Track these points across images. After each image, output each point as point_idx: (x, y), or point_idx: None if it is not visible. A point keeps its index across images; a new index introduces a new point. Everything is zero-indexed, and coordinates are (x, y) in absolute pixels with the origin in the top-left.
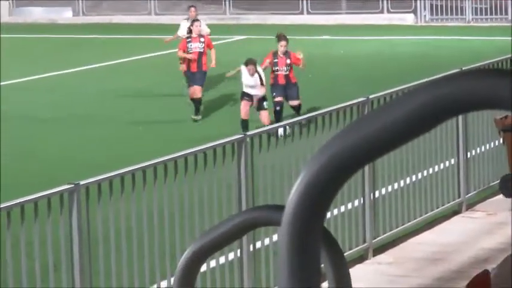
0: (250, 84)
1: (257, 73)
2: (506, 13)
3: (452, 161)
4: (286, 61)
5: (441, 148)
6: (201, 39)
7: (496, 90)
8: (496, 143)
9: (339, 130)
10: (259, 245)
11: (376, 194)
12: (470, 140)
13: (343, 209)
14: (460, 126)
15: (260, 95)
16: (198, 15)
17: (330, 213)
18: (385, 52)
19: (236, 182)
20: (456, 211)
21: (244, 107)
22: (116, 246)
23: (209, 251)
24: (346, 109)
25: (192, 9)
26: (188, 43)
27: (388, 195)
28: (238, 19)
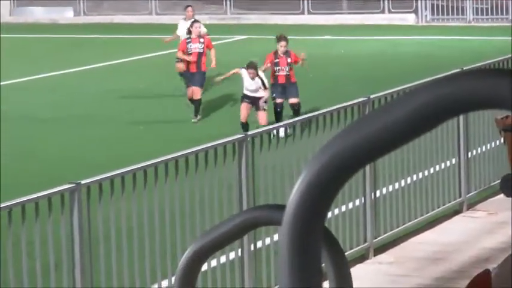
0: (251, 88)
1: (258, 77)
2: (507, 13)
3: (453, 161)
4: (287, 60)
5: (442, 148)
6: (201, 39)
7: (497, 90)
8: (497, 142)
9: (340, 130)
10: (260, 244)
11: (377, 193)
12: (471, 139)
13: (344, 208)
14: (461, 126)
15: (265, 97)
16: (198, 15)
17: (330, 213)
18: (386, 52)
19: (237, 181)
20: (457, 211)
21: (244, 110)
22: (117, 245)
23: (210, 250)
24: (347, 109)
25: (189, 9)
26: (188, 44)
27: (389, 195)
28: (239, 19)
